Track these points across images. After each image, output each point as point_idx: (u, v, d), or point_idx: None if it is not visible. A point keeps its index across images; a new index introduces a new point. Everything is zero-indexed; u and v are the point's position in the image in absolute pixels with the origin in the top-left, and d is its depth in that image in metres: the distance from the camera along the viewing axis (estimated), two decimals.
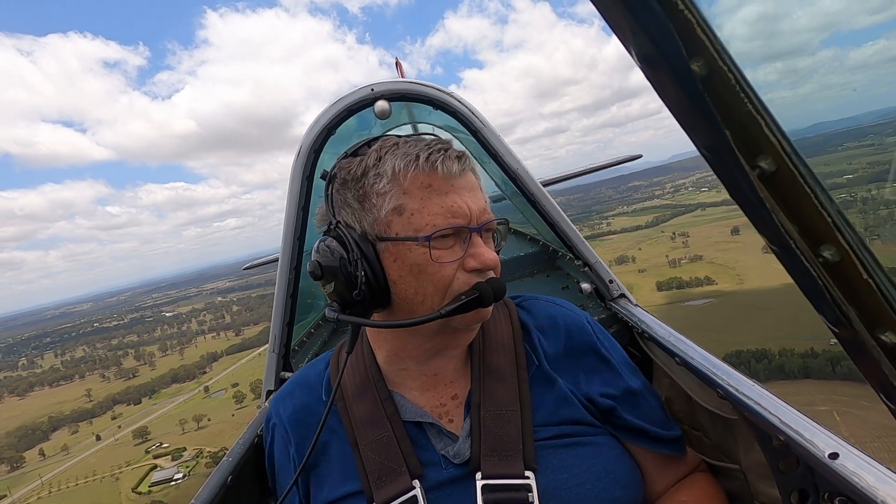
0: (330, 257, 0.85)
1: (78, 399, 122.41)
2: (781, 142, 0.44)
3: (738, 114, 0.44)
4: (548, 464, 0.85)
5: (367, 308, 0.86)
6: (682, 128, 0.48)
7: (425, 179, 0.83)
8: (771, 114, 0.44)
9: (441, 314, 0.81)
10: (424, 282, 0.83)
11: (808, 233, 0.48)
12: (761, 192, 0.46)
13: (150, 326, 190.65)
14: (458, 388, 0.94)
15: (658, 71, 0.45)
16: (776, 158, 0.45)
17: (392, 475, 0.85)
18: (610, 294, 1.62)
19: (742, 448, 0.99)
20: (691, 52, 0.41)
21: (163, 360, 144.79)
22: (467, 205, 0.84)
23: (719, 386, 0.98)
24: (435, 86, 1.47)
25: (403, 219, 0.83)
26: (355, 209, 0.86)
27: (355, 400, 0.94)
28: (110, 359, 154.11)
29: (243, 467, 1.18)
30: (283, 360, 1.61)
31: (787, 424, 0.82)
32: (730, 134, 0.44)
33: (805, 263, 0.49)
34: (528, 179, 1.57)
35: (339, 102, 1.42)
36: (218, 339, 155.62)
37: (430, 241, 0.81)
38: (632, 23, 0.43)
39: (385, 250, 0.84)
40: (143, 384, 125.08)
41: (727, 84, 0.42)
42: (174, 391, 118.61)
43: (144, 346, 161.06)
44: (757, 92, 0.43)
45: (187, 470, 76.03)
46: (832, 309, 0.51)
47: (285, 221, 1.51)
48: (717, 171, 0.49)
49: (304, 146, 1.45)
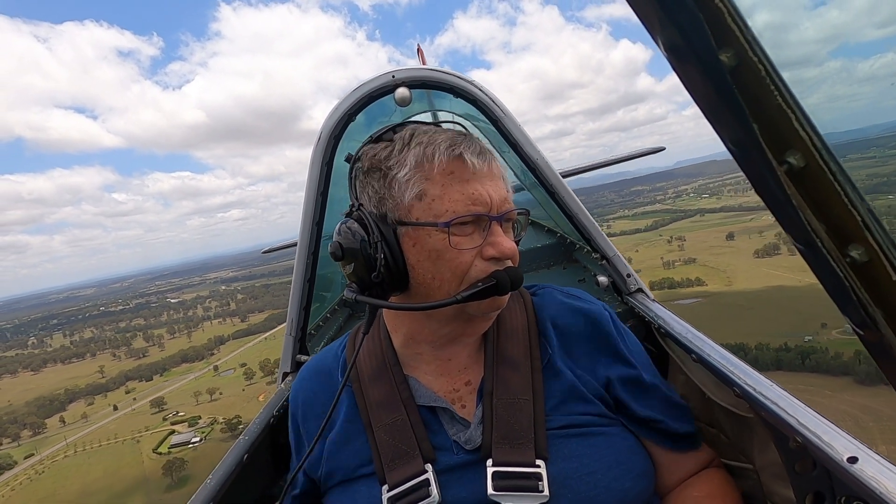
0: (351, 239, 0.86)
1: (91, 375, 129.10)
2: (812, 137, 0.43)
3: (767, 107, 0.42)
4: (559, 453, 0.86)
5: (386, 291, 0.87)
6: (709, 121, 0.47)
7: (448, 166, 0.85)
8: (802, 108, 0.42)
9: (457, 299, 0.82)
10: (442, 267, 0.84)
11: (836, 231, 0.46)
12: (788, 189, 0.45)
13: (156, 311, 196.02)
14: (472, 375, 0.95)
15: (685, 62, 0.44)
16: (806, 154, 0.44)
17: (405, 458, 0.87)
18: (627, 288, 1.62)
19: (757, 448, 0.99)
20: (721, 43, 0.40)
21: (171, 342, 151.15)
22: (489, 193, 0.85)
23: (736, 384, 0.97)
24: (456, 73, 1.46)
25: (424, 204, 0.84)
26: (377, 193, 0.88)
27: (371, 383, 0.96)
28: (119, 340, 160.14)
29: (259, 446, 1.22)
30: (300, 343, 1.66)
31: (804, 426, 0.81)
32: (758, 128, 0.43)
33: (831, 263, 0.48)
34: (548, 170, 1.57)
35: (360, 89, 1.43)
36: (224, 324, 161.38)
37: (449, 227, 0.82)
38: (660, 13, 0.42)
39: (405, 234, 0.86)
40: (154, 362, 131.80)
41: (757, 76, 0.41)
42: (184, 370, 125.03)
43: (152, 329, 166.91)
44: (788, 85, 0.42)
45: (203, 435, 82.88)
46: (858, 310, 0.50)
47: (304, 207, 1.54)
48: (743, 166, 0.48)
49: (324, 132, 1.46)
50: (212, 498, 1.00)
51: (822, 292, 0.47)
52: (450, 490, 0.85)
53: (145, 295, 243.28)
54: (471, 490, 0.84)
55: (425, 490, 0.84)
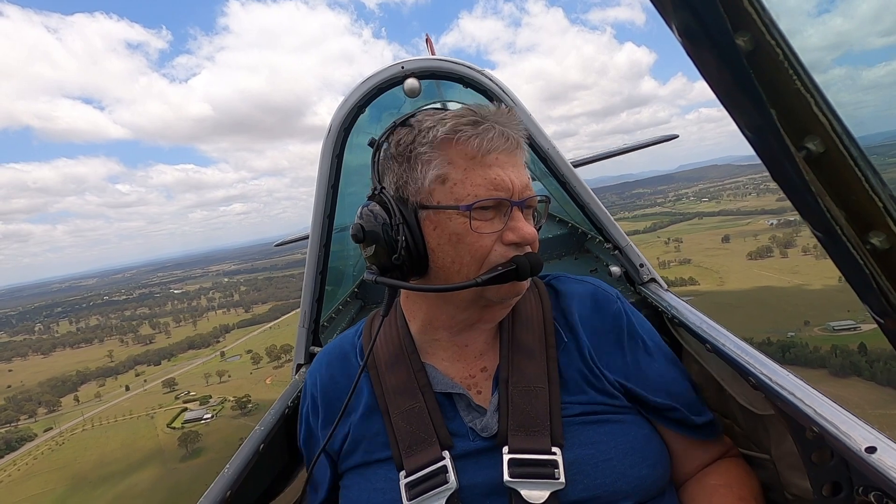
0: (373, 221, 0.87)
1: (100, 359, 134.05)
2: (832, 122, 0.42)
3: (785, 91, 0.42)
4: (574, 440, 0.86)
5: (405, 273, 0.88)
6: (724, 106, 0.46)
7: (470, 151, 0.85)
8: (822, 92, 0.42)
9: (477, 282, 0.83)
10: (462, 251, 0.85)
11: (857, 218, 0.46)
12: (807, 175, 0.45)
13: (160, 301, 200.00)
14: (487, 362, 0.96)
15: (700, 46, 0.43)
16: (825, 139, 0.43)
17: (422, 444, 0.89)
18: (640, 278, 1.62)
19: (773, 438, 0.99)
20: (737, 26, 0.40)
21: (177, 330, 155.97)
22: (510, 178, 0.85)
23: (752, 374, 0.97)
24: (466, 63, 1.45)
25: (446, 188, 0.85)
26: (400, 176, 0.89)
27: (388, 369, 0.97)
28: (126, 327, 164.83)
29: (274, 436, 1.24)
30: (313, 335, 1.68)
31: (821, 416, 0.81)
32: (775, 113, 0.43)
33: (851, 250, 0.48)
34: (559, 160, 1.57)
35: (369, 80, 1.42)
36: (228, 314, 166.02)
37: (470, 210, 0.83)
38: None
39: (426, 218, 0.86)
40: (162, 348, 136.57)
41: (774, 59, 0.40)
42: (191, 356, 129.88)
43: (157, 318, 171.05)
44: (807, 69, 0.41)
45: (215, 412, 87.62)
46: (878, 298, 0.49)
47: (315, 199, 1.54)
48: (760, 153, 0.47)
49: (334, 124, 1.46)
50: (229, 487, 1.03)
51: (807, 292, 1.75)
52: (466, 476, 0.86)
53: (148, 286, 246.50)
54: (487, 476, 0.85)
55: (443, 476, 0.85)
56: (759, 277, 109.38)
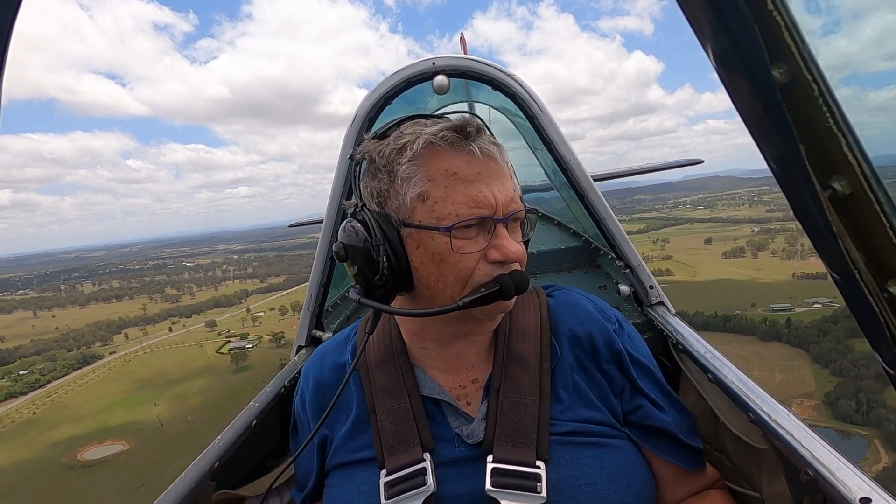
0: (354, 239, 0.87)
1: (135, 311, 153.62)
2: (862, 164, 0.42)
3: (817, 128, 0.42)
4: (560, 459, 0.87)
5: (390, 292, 0.89)
6: (752, 136, 0.46)
7: (451, 167, 0.84)
8: (854, 132, 0.42)
9: (459, 306, 0.83)
10: (446, 271, 0.85)
11: (877, 265, 0.46)
12: (830, 215, 0.45)
13: (175, 271, 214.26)
14: (479, 373, 0.97)
15: (735, 73, 0.43)
16: (853, 181, 0.43)
17: (405, 445, 0.90)
18: (648, 300, 1.64)
19: (765, 476, 0.99)
20: (774, 57, 0.40)
21: (199, 293, 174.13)
22: (493, 194, 0.84)
23: (751, 409, 0.97)
24: (497, 66, 1.46)
25: (427, 206, 0.84)
26: (380, 192, 0.88)
27: (378, 369, 1.00)
28: (150, 288, 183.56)
29: (268, 413, 1.28)
30: (317, 318, 1.72)
31: (818, 460, 0.81)
32: (804, 149, 0.43)
33: (867, 296, 0.47)
34: (580, 172, 1.58)
35: (399, 73, 1.44)
36: (245, 283, 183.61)
37: (451, 231, 0.82)
38: (713, 19, 0.41)
39: (408, 236, 0.86)
40: (190, 305, 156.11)
41: (809, 95, 0.41)
42: (217, 313, 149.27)
43: (176, 284, 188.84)
44: (842, 107, 0.41)
45: (255, 343, 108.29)
46: (891, 348, 0.49)
47: (333, 185, 1.57)
48: (783, 186, 0.47)
49: (359, 113, 1.48)
50: (218, 458, 1.06)
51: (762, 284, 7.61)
52: (448, 483, 0.88)
53: (159, 258, 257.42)
54: (469, 484, 0.87)
55: (421, 478, 0.87)
56: (727, 272, 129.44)
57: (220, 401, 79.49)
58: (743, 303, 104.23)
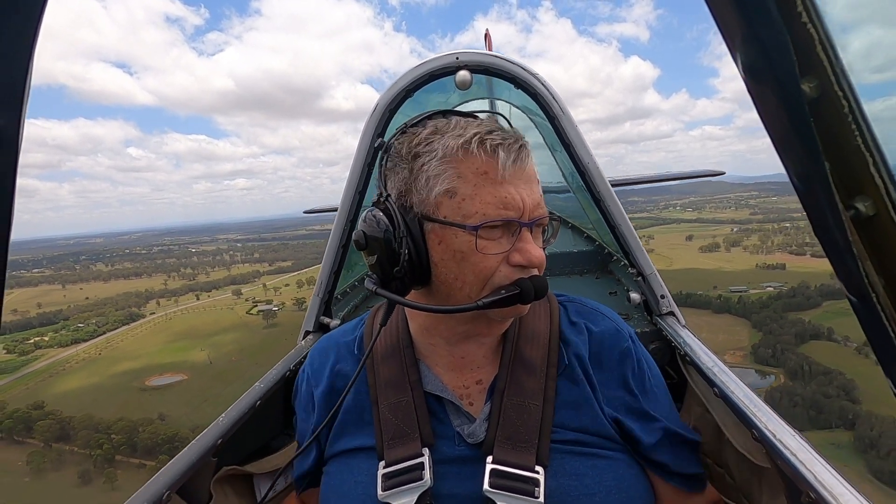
0: (376, 229, 0.89)
1: (158, 286, 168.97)
2: (888, 185, 0.42)
3: (844, 146, 0.41)
4: (560, 468, 0.89)
5: (406, 285, 0.90)
6: (776, 149, 0.46)
7: (481, 166, 0.85)
8: (883, 153, 0.41)
9: (478, 305, 0.85)
10: (466, 269, 0.86)
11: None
12: (851, 236, 0.44)
13: (182, 255, 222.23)
14: (484, 374, 1.00)
15: (763, 85, 0.43)
16: (877, 202, 0.42)
17: (404, 439, 0.93)
18: (659, 309, 1.67)
19: (766, 495, 1.01)
20: (805, 71, 0.40)
21: (213, 273, 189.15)
22: (521, 197, 0.85)
23: (756, 427, 0.98)
24: (521, 64, 1.47)
25: (454, 203, 0.85)
26: (406, 184, 0.89)
27: (383, 361, 1.02)
28: (165, 267, 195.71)
29: (273, 395, 1.33)
30: (325, 305, 1.76)
31: (821, 483, 0.81)
32: (829, 166, 0.42)
33: (884, 321, 0.47)
34: (598, 176, 1.59)
35: (422, 66, 1.47)
36: (255, 266, 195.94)
37: (477, 230, 0.83)
38: (745, 29, 0.41)
39: (431, 231, 0.87)
40: (208, 281, 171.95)
41: (839, 111, 0.40)
42: (235, 289, 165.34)
43: (187, 267, 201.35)
44: (871, 126, 0.41)
45: (280, 307, 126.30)
46: None
47: (350, 174, 1.60)
48: (805, 203, 0.47)
49: (380, 104, 1.51)
50: (221, 435, 1.09)
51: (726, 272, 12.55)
52: (446, 480, 0.90)
53: (162, 245, 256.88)
54: (467, 483, 0.89)
55: (418, 473, 0.89)
56: (699, 263, 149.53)
57: (257, 349, 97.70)
58: (706, 286, 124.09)
